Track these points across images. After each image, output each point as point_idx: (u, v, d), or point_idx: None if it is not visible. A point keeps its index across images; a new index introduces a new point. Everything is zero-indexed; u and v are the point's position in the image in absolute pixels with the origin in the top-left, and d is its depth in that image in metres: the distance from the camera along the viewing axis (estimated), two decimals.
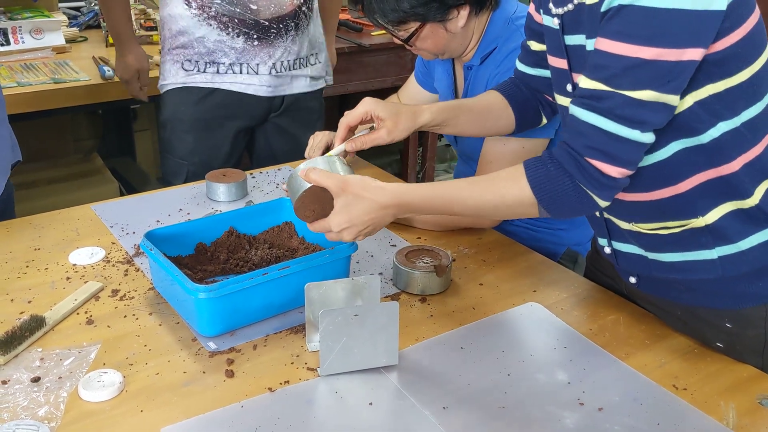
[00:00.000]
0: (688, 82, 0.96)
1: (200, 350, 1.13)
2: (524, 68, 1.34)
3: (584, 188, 1.02)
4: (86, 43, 2.80)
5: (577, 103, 1.02)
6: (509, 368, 1.10)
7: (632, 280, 1.21)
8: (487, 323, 1.22)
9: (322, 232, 1.15)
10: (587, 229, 1.43)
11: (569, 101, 1.04)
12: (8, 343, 1.09)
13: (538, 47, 1.27)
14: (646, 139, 0.98)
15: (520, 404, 1.03)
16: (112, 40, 2.70)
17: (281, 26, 1.90)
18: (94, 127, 3.19)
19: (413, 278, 1.29)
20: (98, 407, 1.01)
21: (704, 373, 1.11)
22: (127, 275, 1.33)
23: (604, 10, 0.96)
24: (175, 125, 1.97)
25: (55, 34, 2.59)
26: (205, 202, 1.64)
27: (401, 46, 1.50)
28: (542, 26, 1.18)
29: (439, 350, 1.15)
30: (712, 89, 0.98)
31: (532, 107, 1.37)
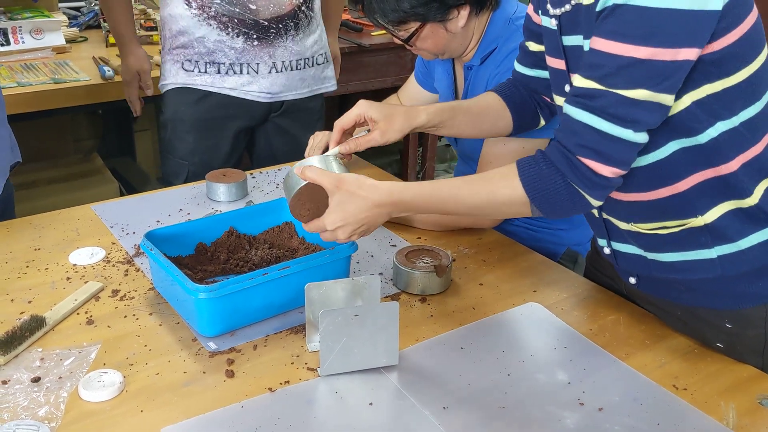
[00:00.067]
0: (683, 81, 0.96)
1: (200, 350, 1.13)
2: (522, 69, 1.34)
3: (576, 187, 1.02)
4: (86, 43, 2.80)
5: (570, 101, 1.02)
6: (509, 368, 1.10)
7: (632, 280, 1.21)
8: (487, 323, 1.22)
9: (317, 231, 1.14)
10: (587, 229, 1.43)
11: None
12: (8, 343, 1.09)
13: (536, 48, 1.27)
14: (639, 138, 0.98)
15: (520, 404, 1.03)
16: (113, 40, 2.71)
17: (281, 26, 1.90)
18: (94, 127, 3.19)
19: (413, 278, 1.29)
20: (98, 407, 1.01)
21: (704, 373, 1.11)
22: (127, 275, 1.33)
23: (599, 9, 0.96)
24: (175, 125, 1.97)
25: (55, 34, 2.59)
26: (205, 202, 1.64)
27: (401, 46, 1.49)
28: (541, 27, 1.18)
29: (439, 350, 1.15)
30: (709, 89, 0.98)
31: (529, 109, 1.37)
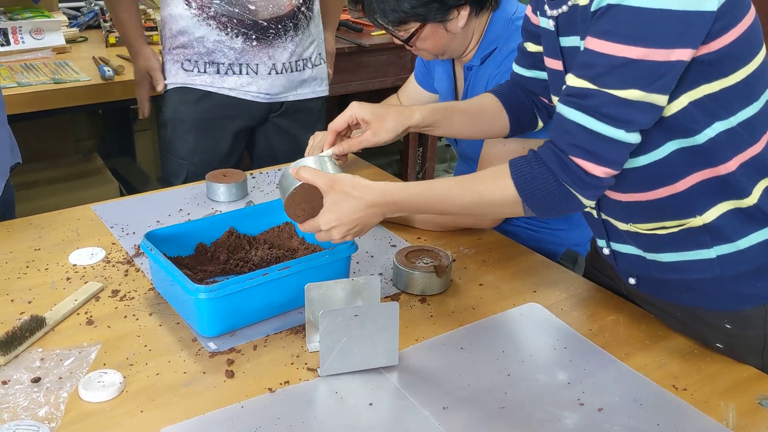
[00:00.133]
0: (676, 82, 0.96)
1: (200, 350, 1.13)
2: (521, 70, 1.34)
3: (568, 187, 1.02)
4: (86, 43, 2.80)
5: (563, 101, 1.02)
6: (509, 368, 1.10)
7: (631, 281, 1.21)
8: (487, 323, 1.22)
9: (311, 231, 1.15)
10: (587, 229, 1.43)
11: None
12: (8, 343, 1.09)
13: (534, 49, 1.27)
14: (631, 139, 0.98)
15: (520, 404, 1.03)
16: (113, 40, 2.71)
17: (280, 27, 1.90)
18: (94, 127, 3.19)
19: (413, 278, 1.29)
20: (98, 407, 1.01)
21: (704, 373, 1.11)
22: (127, 275, 1.33)
23: (593, 9, 0.97)
24: (175, 125, 1.97)
25: (55, 34, 2.59)
26: (205, 202, 1.64)
27: (401, 46, 1.49)
28: (539, 28, 1.18)
29: (439, 350, 1.15)
30: (707, 89, 0.98)
31: (527, 111, 1.36)
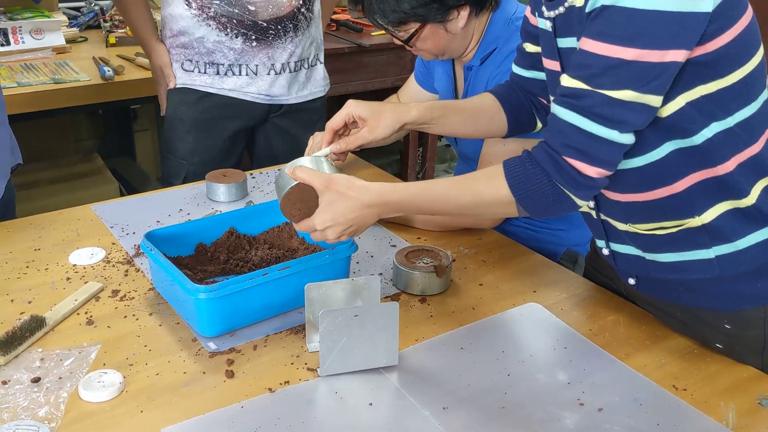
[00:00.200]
0: (671, 83, 0.96)
1: (200, 351, 1.13)
2: (519, 71, 1.34)
3: (562, 188, 1.02)
4: (86, 43, 2.80)
5: (558, 101, 1.02)
6: (509, 368, 1.10)
7: (631, 281, 1.21)
8: (487, 323, 1.22)
9: (307, 231, 1.15)
10: (587, 229, 1.43)
11: None
12: (8, 343, 1.09)
13: (533, 49, 1.27)
14: (624, 139, 0.98)
15: (520, 404, 1.03)
16: (113, 40, 2.71)
17: (279, 27, 1.90)
18: (94, 127, 3.19)
19: (413, 278, 1.29)
20: (98, 407, 1.01)
21: (704, 373, 1.11)
22: (127, 276, 1.33)
23: (588, 10, 0.97)
24: (175, 125, 1.97)
25: (55, 34, 2.59)
26: (205, 202, 1.64)
27: (401, 46, 1.49)
28: (537, 29, 1.18)
29: (439, 350, 1.15)
30: (703, 90, 0.98)
31: (526, 111, 1.36)
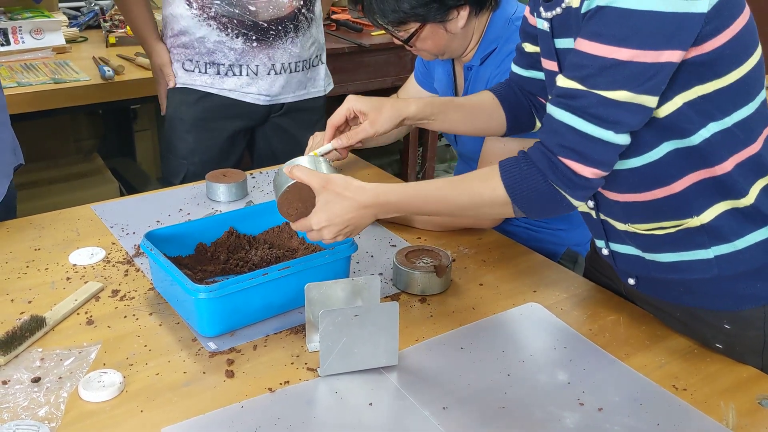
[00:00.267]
0: (666, 83, 0.96)
1: (200, 350, 1.13)
2: (518, 70, 1.34)
3: (557, 188, 1.02)
4: (86, 43, 2.80)
5: (553, 102, 1.02)
6: (509, 368, 1.10)
7: (631, 281, 1.21)
8: (487, 323, 1.22)
9: (303, 230, 1.15)
10: (587, 229, 1.43)
11: None
12: (8, 343, 1.09)
13: (532, 49, 1.27)
14: (620, 140, 0.98)
15: (520, 404, 1.03)
16: (113, 40, 2.71)
17: (280, 28, 1.90)
18: (94, 127, 3.19)
19: (413, 278, 1.29)
20: (98, 407, 1.01)
21: (704, 373, 1.11)
22: (127, 275, 1.33)
23: (583, 11, 0.97)
24: (175, 124, 1.98)
25: (55, 34, 2.59)
26: (205, 202, 1.64)
27: (401, 46, 1.49)
28: (536, 29, 1.18)
29: (439, 350, 1.15)
30: (701, 90, 0.98)
31: (524, 110, 1.36)
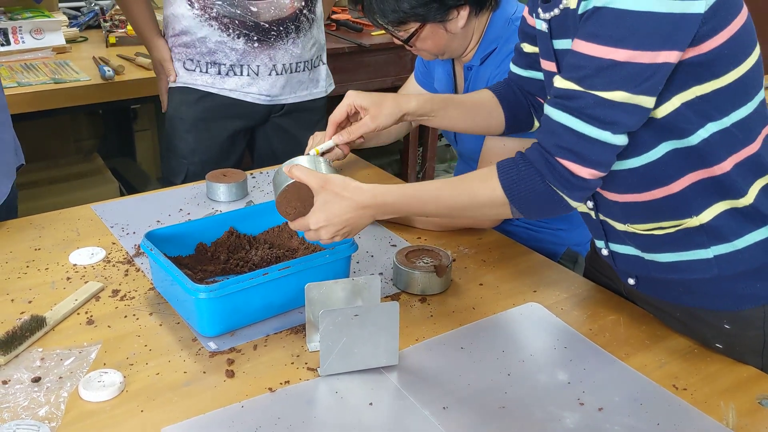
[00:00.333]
0: (664, 83, 0.96)
1: (200, 350, 1.13)
2: (517, 70, 1.34)
3: (555, 188, 1.03)
4: (86, 43, 2.80)
5: (551, 102, 1.02)
6: (509, 368, 1.10)
7: (631, 281, 1.21)
8: (487, 323, 1.22)
9: (301, 230, 1.16)
10: (587, 229, 1.43)
11: None
12: (9, 343, 1.09)
13: (530, 49, 1.28)
14: (617, 140, 0.98)
15: (520, 404, 1.03)
16: (113, 39, 2.71)
17: (281, 29, 1.90)
18: (94, 127, 3.19)
19: (413, 278, 1.29)
20: (99, 407, 1.01)
21: (704, 373, 1.11)
22: (127, 275, 1.33)
23: (580, 12, 0.97)
24: (176, 124, 1.98)
25: (55, 34, 2.59)
26: (205, 202, 1.64)
27: (401, 46, 1.49)
28: (535, 29, 1.18)
29: (439, 350, 1.15)
30: (699, 90, 0.98)
31: (523, 109, 1.37)
